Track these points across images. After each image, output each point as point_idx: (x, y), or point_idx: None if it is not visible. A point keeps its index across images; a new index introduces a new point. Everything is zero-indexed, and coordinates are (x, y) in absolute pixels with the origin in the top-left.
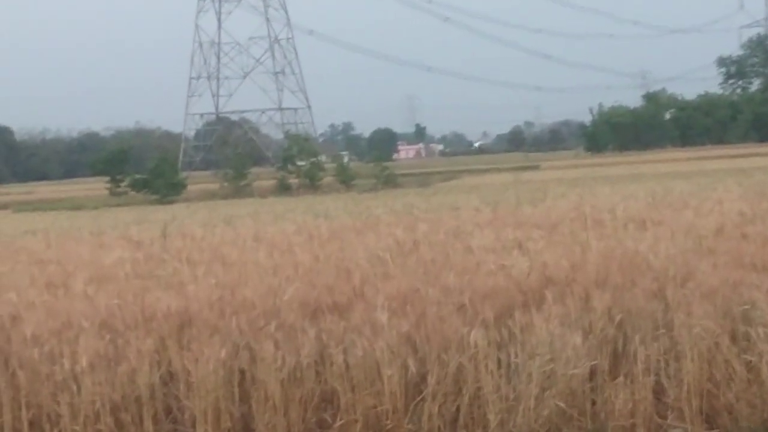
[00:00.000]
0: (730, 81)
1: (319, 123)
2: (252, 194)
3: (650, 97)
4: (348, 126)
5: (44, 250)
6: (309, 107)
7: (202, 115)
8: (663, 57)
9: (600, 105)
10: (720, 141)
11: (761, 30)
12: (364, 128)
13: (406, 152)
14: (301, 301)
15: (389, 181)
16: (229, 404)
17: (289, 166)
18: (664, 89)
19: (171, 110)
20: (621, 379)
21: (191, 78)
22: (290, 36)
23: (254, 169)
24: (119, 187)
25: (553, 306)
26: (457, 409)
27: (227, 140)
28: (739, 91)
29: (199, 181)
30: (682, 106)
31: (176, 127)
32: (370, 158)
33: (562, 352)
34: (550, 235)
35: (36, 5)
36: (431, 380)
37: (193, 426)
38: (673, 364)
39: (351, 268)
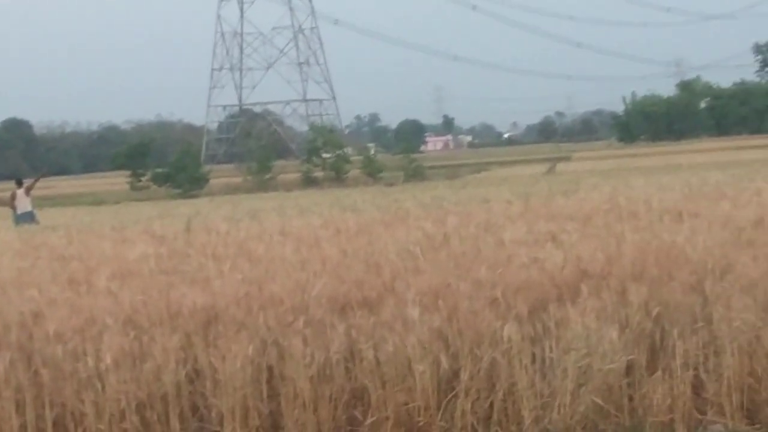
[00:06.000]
0: (767, 68)
1: (345, 114)
2: (277, 188)
3: (684, 86)
4: (374, 117)
5: (66, 246)
6: (334, 98)
7: (224, 107)
8: (697, 44)
9: (633, 94)
10: (757, 130)
11: None
12: (391, 120)
13: (434, 144)
14: (330, 297)
15: (417, 174)
16: (257, 402)
17: (315, 159)
18: (698, 77)
19: (193, 102)
20: (659, 374)
21: (213, 69)
22: (315, 26)
23: (278, 162)
24: (140, 181)
25: (588, 299)
26: (491, 406)
27: (251, 133)
28: None
29: (222, 175)
30: (718, 95)
31: (198, 120)
32: (398, 150)
33: (598, 346)
34: (584, 228)
35: None
36: (464, 376)
37: (221, 424)
38: (712, 359)
39: (380, 262)
